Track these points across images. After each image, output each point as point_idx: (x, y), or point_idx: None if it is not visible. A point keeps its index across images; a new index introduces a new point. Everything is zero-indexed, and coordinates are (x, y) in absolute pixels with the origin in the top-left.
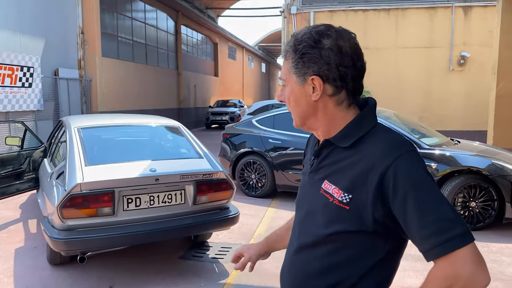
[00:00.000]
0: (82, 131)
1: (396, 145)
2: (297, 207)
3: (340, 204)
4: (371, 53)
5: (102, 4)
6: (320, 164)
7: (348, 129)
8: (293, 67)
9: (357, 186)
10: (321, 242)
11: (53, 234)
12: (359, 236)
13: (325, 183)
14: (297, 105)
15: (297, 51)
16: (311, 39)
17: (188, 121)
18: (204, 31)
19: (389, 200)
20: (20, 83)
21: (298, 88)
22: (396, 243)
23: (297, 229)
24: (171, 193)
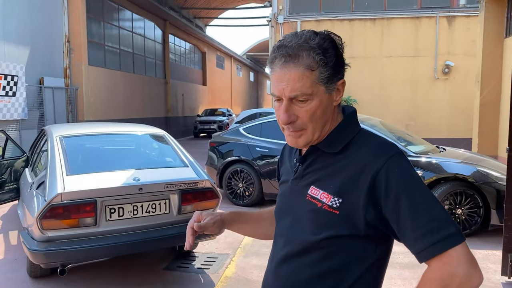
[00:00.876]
0: (64, 140)
1: (385, 147)
2: (278, 217)
3: (329, 209)
4: (357, 62)
5: (88, 13)
6: (306, 171)
7: (335, 135)
8: (325, 78)
9: (348, 190)
10: (311, 249)
11: (32, 246)
12: (350, 240)
13: (312, 188)
14: (323, 116)
15: (328, 61)
16: (332, 43)
17: (176, 130)
18: (192, 40)
19: (380, 202)
20: (4, 92)
21: (326, 98)
22: (385, 248)
23: (282, 239)
24: (155, 203)
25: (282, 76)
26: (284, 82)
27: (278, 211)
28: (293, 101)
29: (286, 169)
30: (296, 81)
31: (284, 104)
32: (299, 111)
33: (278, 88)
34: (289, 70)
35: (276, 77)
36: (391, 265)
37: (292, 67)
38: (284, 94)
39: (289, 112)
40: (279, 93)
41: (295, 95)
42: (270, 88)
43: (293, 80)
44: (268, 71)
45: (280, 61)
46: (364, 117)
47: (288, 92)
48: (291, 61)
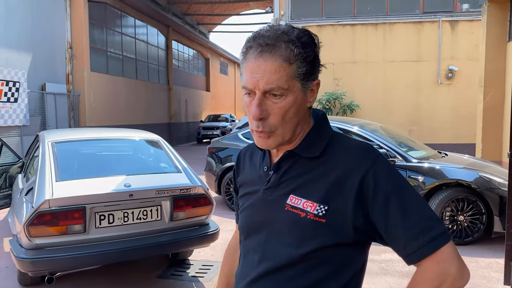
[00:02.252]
0: (56, 145)
1: (367, 150)
2: (249, 231)
3: (315, 218)
4: (359, 67)
5: (91, 19)
6: (282, 178)
7: (311, 138)
8: (302, 74)
9: (334, 196)
10: (293, 263)
11: (20, 254)
12: (336, 250)
13: (292, 197)
14: (296, 116)
15: (306, 56)
16: (310, 38)
17: (179, 135)
18: (195, 46)
19: (368, 205)
20: (6, 98)
21: (301, 96)
22: (367, 253)
23: (256, 255)
24: (146, 209)
25: (257, 67)
26: (259, 74)
27: (247, 226)
28: (266, 95)
29: (250, 179)
30: (273, 73)
31: (257, 97)
32: (272, 108)
33: (252, 80)
34: (266, 61)
35: (250, 68)
36: (390, 273)
37: (268, 58)
38: (258, 87)
39: (261, 107)
40: (252, 85)
41: (270, 88)
42: (243, 81)
43: (269, 71)
44: (240, 62)
45: (255, 50)
46: (364, 122)
47: (263, 84)
48: (268, 51)
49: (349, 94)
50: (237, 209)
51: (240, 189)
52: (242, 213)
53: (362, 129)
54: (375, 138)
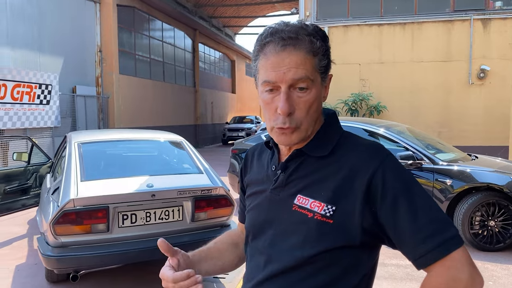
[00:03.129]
0: (82, 146)
1: (377, 149)
2: (256, 232)
3: (323, 219)
4: (386, 68)
5: (120, 23)
6: (289, 178)
7: (320, 137)
8: (323, 66)
9: (342, 196)
10: (301, 265)
11: (46, 251)
12: (345, 252)
13: (299, 198)
14: (317, 110)
15: (326, 49)
16: (324, 34)
17: (205, 137)
18: (221, 48)
19: (376, 206)
20: (38, 100)
21: (320, 90)
22: (376, 256)
23: (262, 257)
24: (168, 210)
25: (281, 61)
26: (284, 67)
27: (254, 226)
28: (291, 89)
29: (258, 178)
30: (299, 65)
31: (284, 91)
32: (297, 102)
33: (276, 73)
34: (290, 54)
35: (271, 63)
36: (416, 278)
37: (293, 51)
38: (284, 79)
39: (289, 101)
40: (277, 78)
41: (299, 77)
42: (260, 78)
43: (295, 63)
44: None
45: (277, 46)
46: (390, 124)
47: (291, 75)
48: (291, 45)
49: (376, 95)
50: (242, 208)
51: (247, 189)
52: (249, 213)
53: (388, 130)
54: (402, 140)
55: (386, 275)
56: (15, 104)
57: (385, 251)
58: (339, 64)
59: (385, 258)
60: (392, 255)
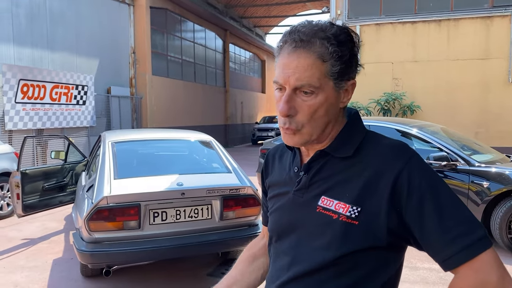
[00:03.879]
0: (115, 145)
1: (402, 148)
2: (279, 234)
3: (348, 220)
4: (421, 66)
5: (152, 25)
6: (312, 179)
7: (343, 137)
8: (335, 72)
9: (367, 197)
10: (324, 267)
11: (81, 247)
12: (370, 253)
13: (323, 199)
14: (325, 116)
15: (342, 55)
16: (349, 36)
17: (235, 137)
18: (252, 48)
19: (401, 206)
20: (75, 100)
21: (334, 96)
22: (402, 258)
23: (286, 258)
24: (197, 208)
25: (290, 63)
26: (290, 69)
27: (277, 228)
28: (296, 92)
29: (280, 180)
30: (305, 70)
31: (287, 93)
32: (300, 105)
33: (283, 75)
34: (299, 57)
35: (282, 64)
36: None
37: (302, 54)
38: (289, 82)
39: (290, 104)
40: (283, 80)
41: (301, 85)
42: (275, 76)
43: (301, 68)
44: (276, 57)
45: (290, 46)
46: (424, 124)
47: (293, 80)
48: (302, 47)
49: (409, 94)
50: (265, 210)
51: (269, 191)
52: (272, 215)
53: (421, 131)
54: (435, 140)
55: (417, 279)
56: (53, 105)
57: (417, 254)
58: (371, 63)
59: (417, 262)
60: (425, 259)
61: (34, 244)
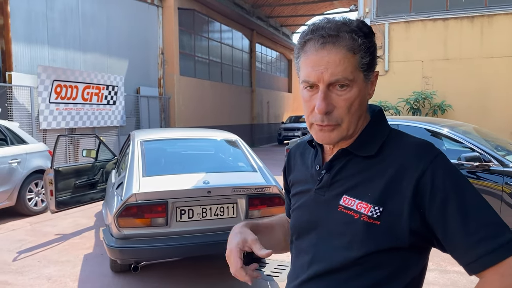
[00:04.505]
0: (144, 143)
1: (427, 148)
2: (300, 232)
3: (369, 220)
4: (452, 64)
5: (180, 26)
6: (334, 178)
7: (367, 135)
8: (365, 64)
9: (389, 197)
10: (345, 267)
11: (110, 242)
12: (392, 254)
13: (345, 198)
14: (360, 108)
15: (369, 46)
16: (369, 28)
17: (261, 136)
18: (278, 48)
19: (425, 207)
20: (106, 100)
21: (364, 88)
22: (426, 260)
23: (307, 256)
24: (223, 206)
25: (320, 59)
26: (322, 66)
27: (298, 226)
28: (330, 88)
29: (302, 178)
30: (338, 64)
31: (322, 90)
32: (337, 100)
33: (315, 73)
34: (329, 52)
35: (310, 62)
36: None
37: (332, 49)
38: (323, 79)
39: (327, 100)
40: (315, 78)
41: (335, 79)
42: (301, 77)
43: (333, 63)
44: (296, 58)
45: (316, 43)
46: (455, 123)
47: (327, 76)
48: (331, 43)
49: (440, 93)
50: (288, 208)
51: (291, 188)
52: (293, 213)
53: (452, 130)
54: (467, 140)
55: (448, 282)
56: (85, 105)
57: (447, 257)
58: (400, 62)
59: (447, 265)
60: (455, 262)
61: (67, 240)
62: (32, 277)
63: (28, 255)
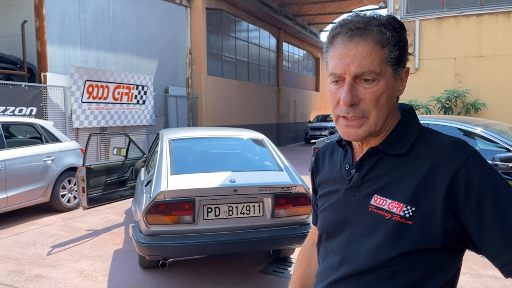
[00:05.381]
0: (172, 142)
1: (460, 146)
2: (329, 232)
3: (401, 220)
4: (487, 62)
5: (208, 26)
6: (364, 178)
7: (397, 133)
8: (394, 58)
9: (422, 196)
10: (375, 268)
11: (139, 239)
12: (424, 255)
13: (376, 198)
14: (388, 104)
15: (399, 40)
16: (400, 23)
17: (287, 136)
18: (305, 46)
19: (458, 206)
20: (135, 100)
21: (392, 83)
22: (459, 262)
23: (336, 257)
24: (249, 205)
25: (347, 52)
26: (349, 58)
27: (327, 226)
28: (356, 81)
29: (330, 178)
30: (364, 57)
31: (348, 82)
32: (363, 93)
33: (341, 65)
34: (357, 45)
35: (338, 54)
36: None
37: (360, 41)
38: (349, 71)
39: (352, 93)
40: (341, 70)
41: (362, 71)
42: (328, 70)
43: (360, 55)
44: (325, 52)
45: (344, 36)
46: (489, 122)
47: (354, 68)
48: (358, 35)
49: (473, 91)
50: (315, 209)
51: (319, 189)
52: (322, 213)
53: (486, 130)
54: (502, 140)
55: (480, 286)
56: (115, 104)
57: (480, 261)
58: (432, 59)
59: (479, 268)
60: (488, 265)
61: (97, 235)
62: (65, 271)
63: (61, 250)
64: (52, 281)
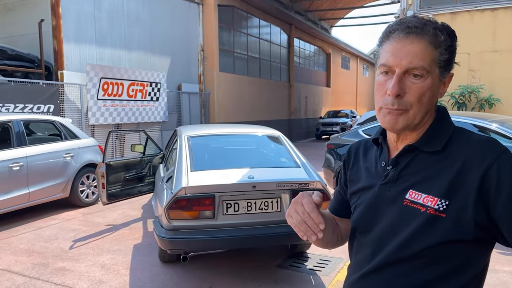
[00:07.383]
0: (191, 139)
1: (492, 144)
2: (364, 226)
3: (435, 213)
4: (502, 57)
5: (220, 22)
6: (400, 174)
7: (433, 132)
8: (443, 61)
9: (455, 190)
10: (408, 258)
11: (161, 233)
12: (456, 247)
13: (411, 192)
14: (429, 102)
15: (450, 44)
16: (453, 31)
17: (299, 132)
18: (317, 42)
19: (489, 201)
20: (149, 97)
21: (437, 84)
22: (489, 255)
23: (368, 248)
24: (267, 201)
25: (402, 47)
26: (403, 53)
27: (361, 220)
28: (405, 75)
29: (364, 175)
30: (417, 54)
31: (397, 74)
32: (410, 87)
33: (394, 58)
34: (412, 42)
35: (392, 47)
36: None
37: (415, 39)
38: (401, 64)
39: (400, 85)
40: (394, 62)
41: (413, 66)
42: (379, 62)
43: (413, 52)
44: (378, 45)
45: (401, 33)
46: (504, 118)
47: (406, 62)
48: (415, 33)
49: (487, 87)
50: (338, 199)
51: (349, 184)
52: (356, 209)
53: (502, 126)
54: None
55: (497, 282)
56: (130, 101)
57: (496, 257)
58: None
59: (495, 264)
60: (505, 261)
61: (117, 230)
62: (87, 264)
63: (83, 244)
64: (76, 274)
